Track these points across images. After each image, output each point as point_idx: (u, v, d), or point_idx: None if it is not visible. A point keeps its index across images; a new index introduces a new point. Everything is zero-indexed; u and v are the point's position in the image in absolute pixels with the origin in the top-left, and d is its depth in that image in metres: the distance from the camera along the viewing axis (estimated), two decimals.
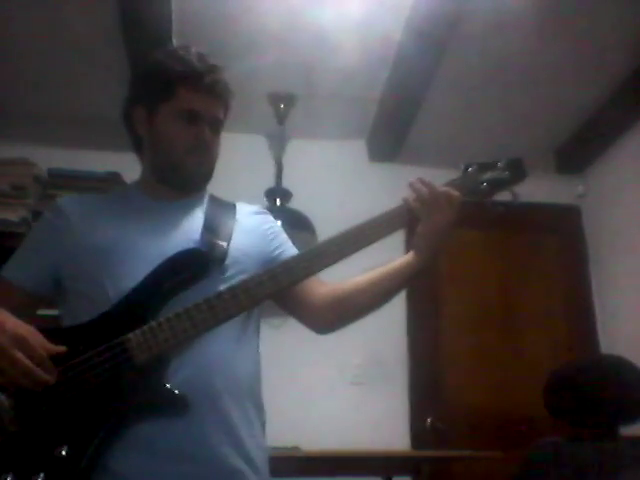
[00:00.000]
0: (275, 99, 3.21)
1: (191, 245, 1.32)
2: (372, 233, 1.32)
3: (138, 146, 1.48)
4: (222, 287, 1.27)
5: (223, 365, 1.28)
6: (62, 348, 1.20)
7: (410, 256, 1.37)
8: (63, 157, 3.12)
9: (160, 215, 1.39)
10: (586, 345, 3.37)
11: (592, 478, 1.77)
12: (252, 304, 1.28)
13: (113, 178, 2.97)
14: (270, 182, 3.24)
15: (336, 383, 3.14)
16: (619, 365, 1.92)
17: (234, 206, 1.49)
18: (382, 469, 2.74)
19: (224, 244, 1.35)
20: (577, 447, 1.86)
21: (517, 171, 1.37)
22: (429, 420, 3.17)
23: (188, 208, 1.43)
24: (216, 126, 1.43)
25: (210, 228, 1.38)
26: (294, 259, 1.32)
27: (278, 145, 3.28)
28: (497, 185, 1.37)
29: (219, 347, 1.28)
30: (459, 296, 3.45)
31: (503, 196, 1.39)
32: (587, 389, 1.87)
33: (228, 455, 1.24)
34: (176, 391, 1.20)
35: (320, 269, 1.31)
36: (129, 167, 1.62)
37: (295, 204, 3.21)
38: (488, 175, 1.37)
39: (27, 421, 1.17)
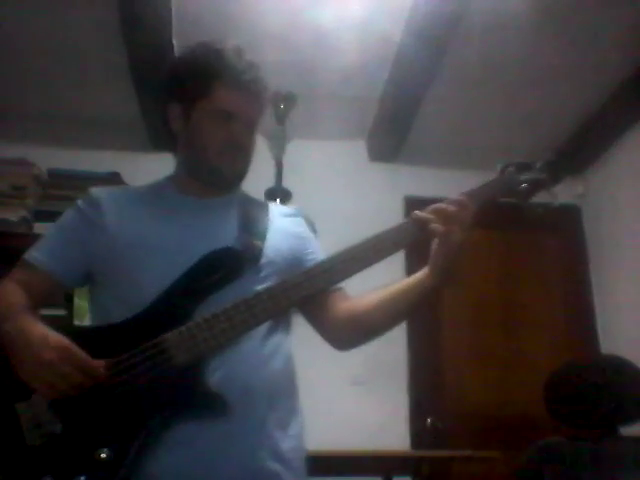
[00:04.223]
0: (275, 99, 3.21)
1: (228, 244, 1.28)
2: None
3: (173, 141, 1.44)
4: (256, 287, 1.24)
5: (258, 365, 1.25)
6: (101, 362, 1.15)
7: (424, 275, 1.32)
8: (63, 157, 3.13)
9: (195, 212, 1.36)
10: (586, 345, 3.37)
11: (591, 478, 1.78)
12: (290, 305, 1.25)
13: (113, 178, 2.96)
14: (270, 182, 3.24)
15: (336, 383, 3.14)
16: (619, 365, 1.92)
17: (267, 205, 1.47)
18: (382, 469, 2.74)
19: (259, 243, 1.32)
20: (577, 447, 1.86)
21: (554, 173, 1.36)
22: (429, 420, 3.17)
23: (222, 206, 1.39)
24: (252, 125, 1.40)
25: (245, 227, 1.35)
26: (330, 260, 1.27)
27: (278, 145, 3.28)
28: (537, 186, 1.35)
29: (254, 347, 1.25)
30: (459, 296, 3.45)
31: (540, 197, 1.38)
32: (587, 389, 1.87)
33: (264, 457, 1.22)
34: (216, 392, 1.17)
35: (356, 272, 1.27)
36: (129, 167, 1.63)
37: (295, 204, 3.20)
38: (527, 176, 1.34)
39: (66, 423, 1.14)
